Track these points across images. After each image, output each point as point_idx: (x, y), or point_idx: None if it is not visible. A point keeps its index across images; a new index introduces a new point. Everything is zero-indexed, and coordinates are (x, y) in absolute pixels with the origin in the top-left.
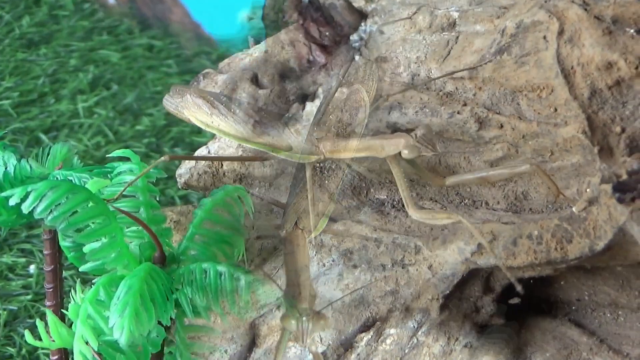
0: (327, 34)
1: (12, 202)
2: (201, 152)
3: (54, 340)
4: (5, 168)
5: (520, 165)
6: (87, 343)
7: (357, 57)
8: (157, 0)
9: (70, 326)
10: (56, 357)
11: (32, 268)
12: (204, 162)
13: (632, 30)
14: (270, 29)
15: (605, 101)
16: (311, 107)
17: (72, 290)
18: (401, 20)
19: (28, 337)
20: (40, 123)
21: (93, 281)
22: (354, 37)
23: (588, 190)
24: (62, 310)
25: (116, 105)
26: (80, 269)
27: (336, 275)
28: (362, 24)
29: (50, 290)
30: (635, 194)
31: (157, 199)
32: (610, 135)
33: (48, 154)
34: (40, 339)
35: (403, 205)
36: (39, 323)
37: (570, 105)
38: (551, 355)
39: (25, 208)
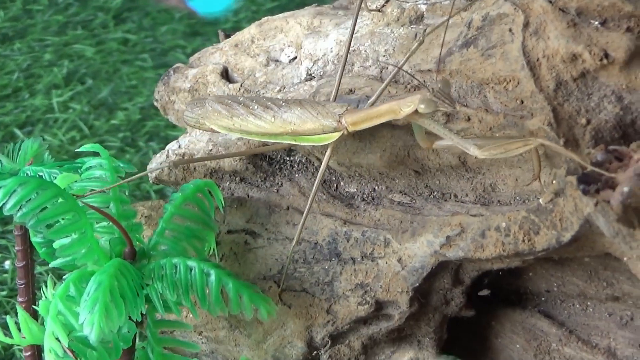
0: None
1: None
2: (172, 146)
3: (24, 337)
4: None
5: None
6: (57, 339)
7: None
8: None
9: (42, 322)
10: (29, 353)
11: (7, 264)
12: (174, 156)
13: (596, 22)
14: None
15: (570, 93)
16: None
17: (43, 287)
18: (370, 13)
19: None
20: (14, 118)
21: (64, 277)
22: None
23: (554, 182)
24: (33, 306)
25: (91, 99)
26: (50, 265)
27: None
28: None
29: (22, 286)
30: (599, 186)
31: (131, 193)
32: (576, 127)
33: (19, 150)
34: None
35: (373, 198)
36: (9, 319)
37: (536, 97)
38: (521, 347)
39: None
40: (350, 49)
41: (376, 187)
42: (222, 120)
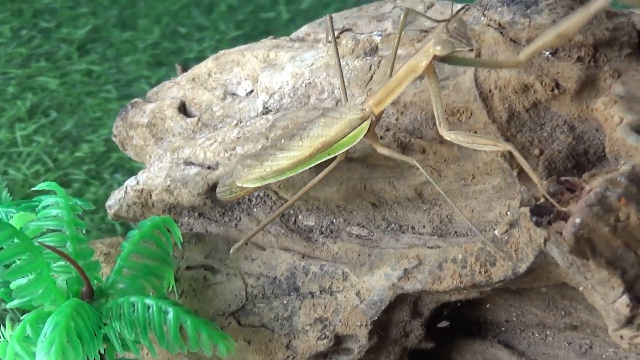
0: None
1: None
2: (130, 182)
3: None
4: None
5: None
6: None
7: None
8: None
9: None
10: None
11: None
12: (132, 192)
13: (547, 53)
14: None
15: (523, 124)
16: None
17: (2, 327)
18: (324, 45)
19: None
20: None
21: (22, 317)
22: None
23: (509, 213)
24: None
25: (55, 132)
26: (7, 306)
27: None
28: None
29: None
30: (552, 217)
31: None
32: (529, 158)
33: None
34: None
35: (331, 232)
36: None
37: (489, 128)
38: None
39: None
40: (306, 81)
41: (334, 220)
42: (253, 172)
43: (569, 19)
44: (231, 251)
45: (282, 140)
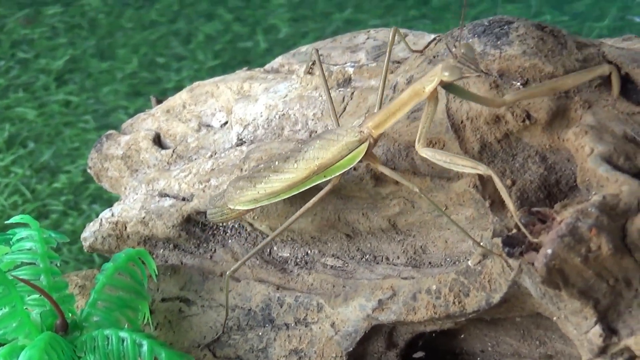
0: None
1: None
2: (105, 214)
3: None
4: None
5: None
6: None
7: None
8: None
9: None
10: None
11: None
12: (107, 224)
13: (518, 83)
14: None
15: (495, 154)
16: None
17: None
18: (298, 77)
19: None
20: None
21: None
22: None
23: (482, 243)
24: None
25: (33, 163)
26: None
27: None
28: None
29: None
30: (523, 248)
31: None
32: None
33: None
34: None
35: (306, 263)
36: None
37: None
38: None
39: None
40: (279, 113)
41: (309, 252)
42: (246, 195)
43: (569, 77)
44: (227, 274)
45: (276, 163)
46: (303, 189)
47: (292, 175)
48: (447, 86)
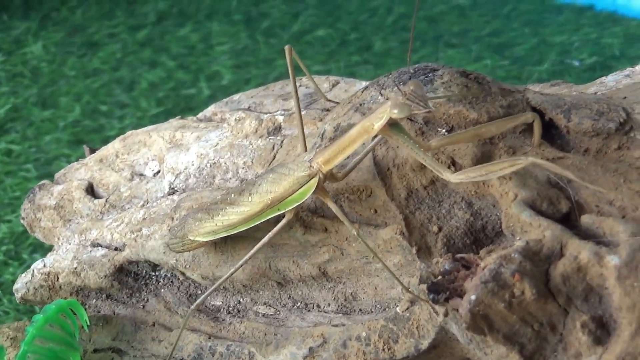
0: None
1: None
2: (37, 265)
3: None
4: None
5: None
6: None
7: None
8: None
9: None
10: None
11: None
12: (39, 275)
13: (443, 130)
14: None
15: (421, 201)
16: None
17: None
18: (229, 125)
19: None
20: None
21: None
22: None
23: (410, 290)
24: None
25: None
26: None
27: None
28: None
29: None
30: (448, 295)
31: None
32: (428, 235)
33: None
34: None
35: (238, 311)
36: None
37: (388, 206)
38: None
39: None
40: (211, 161)
41: (241, 300)
42: (204, 226)
43: (493, 124)
44: (191, 308)
45: (232, 195)
46: (259, 222)
47: (247, 209)
48: (394, 125)
